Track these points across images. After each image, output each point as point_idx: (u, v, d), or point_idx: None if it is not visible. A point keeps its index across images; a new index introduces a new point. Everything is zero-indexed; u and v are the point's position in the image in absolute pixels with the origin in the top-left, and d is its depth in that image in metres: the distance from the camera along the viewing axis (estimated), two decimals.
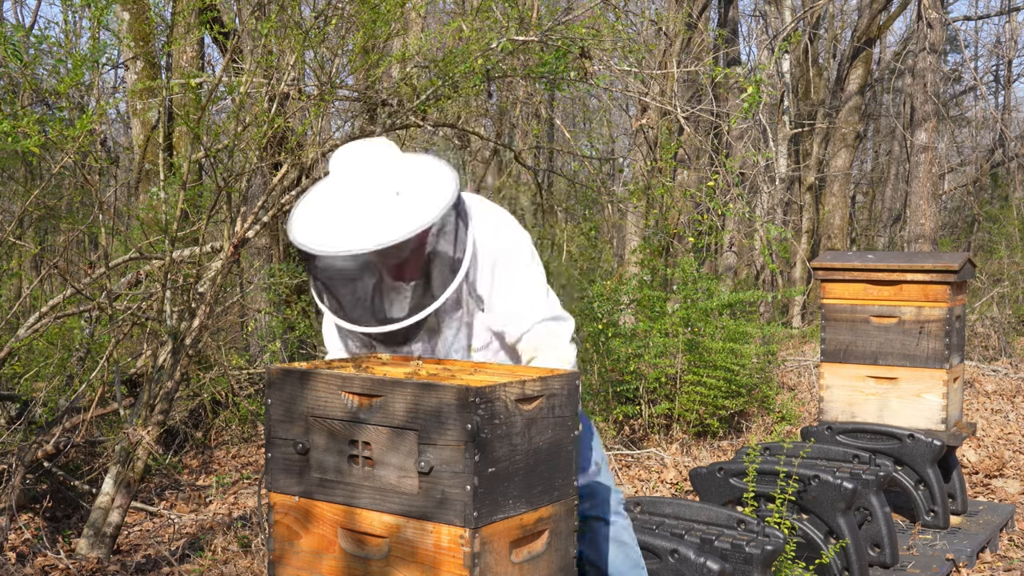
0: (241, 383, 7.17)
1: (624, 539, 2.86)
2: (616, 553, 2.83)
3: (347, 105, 8.42)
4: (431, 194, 2.50)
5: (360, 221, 2.44)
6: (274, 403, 2.38)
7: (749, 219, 9.55)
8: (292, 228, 2.50)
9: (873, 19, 15.39)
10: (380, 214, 2.45)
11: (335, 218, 2.47)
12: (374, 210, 2.46)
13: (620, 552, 2.83)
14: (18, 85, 5.43)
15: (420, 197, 2.49)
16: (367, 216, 2.45)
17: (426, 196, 2.49)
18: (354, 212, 2.46)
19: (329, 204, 2.51)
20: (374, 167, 2.50)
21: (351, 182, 2.50)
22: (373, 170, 2.50)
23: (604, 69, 7.97)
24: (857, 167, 22.04)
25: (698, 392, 7.18)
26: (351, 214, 2.46)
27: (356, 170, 2.50)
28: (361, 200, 2.47)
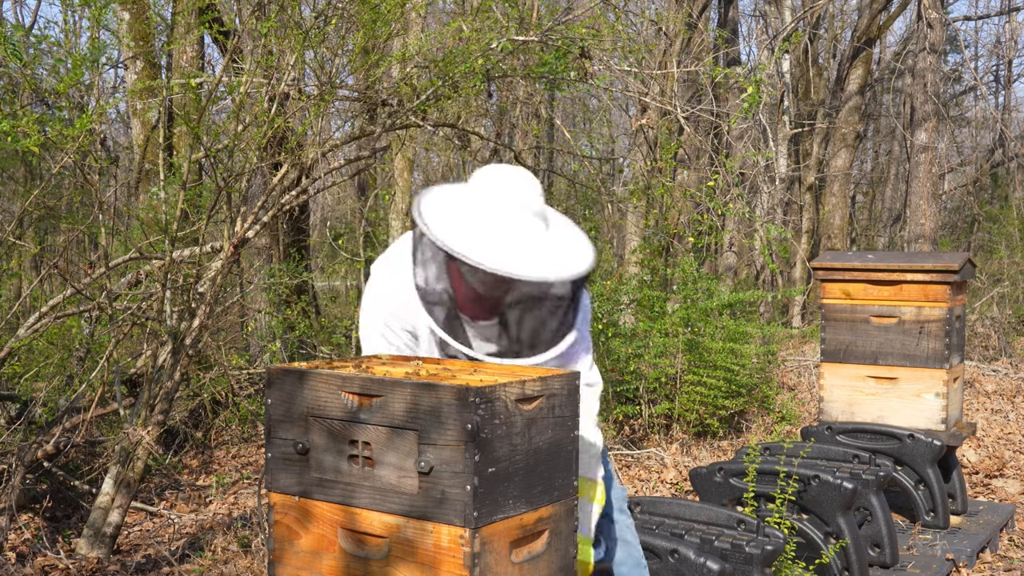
0: (241, 383, 7.17)
1: (627, 537, 2.87)
2: (619, 551, 2.84)
3: (347, 105, 8.42)
4: (582, 237, 2.65)
5: (549, 250, 2.51)
6: (274, 403, 2.38)
7: (749, 219, 9.55)
8: (475, 250, 2.45)
9: (873, 19, 15.39)
10: (560, 245, 2.55)
11: (521, 245, 2.49)
12: (555, 241, 2.56)
13: (623, 550, 2.85)
14: (18, 85, 5.43)
15: (579, 235, 2.63)
16: (554, 246, 2.53)
17: (581, 235, 2.65)
18: (538, 241, 2.51)
19: (506, 229, 2.51)
20: (536, 200, 2.55)
21: (524, 210, 2.53)
22: (537, 202, 2.56)
23: (604, 69, 7.97)
24: (857, 167, 22.04)
25: (698, 392, 7.19)
26: (537, 242, 2.51)
27: (526, 200, 2.54)
28: (543, 230, 2.55)
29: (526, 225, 2.51)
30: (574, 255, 2.53)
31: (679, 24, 10.60)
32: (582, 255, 2.54)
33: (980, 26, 24.15)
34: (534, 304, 2.49)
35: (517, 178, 2.56)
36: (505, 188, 2.53)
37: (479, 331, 2.52)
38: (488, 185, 2.55)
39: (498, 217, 2.51)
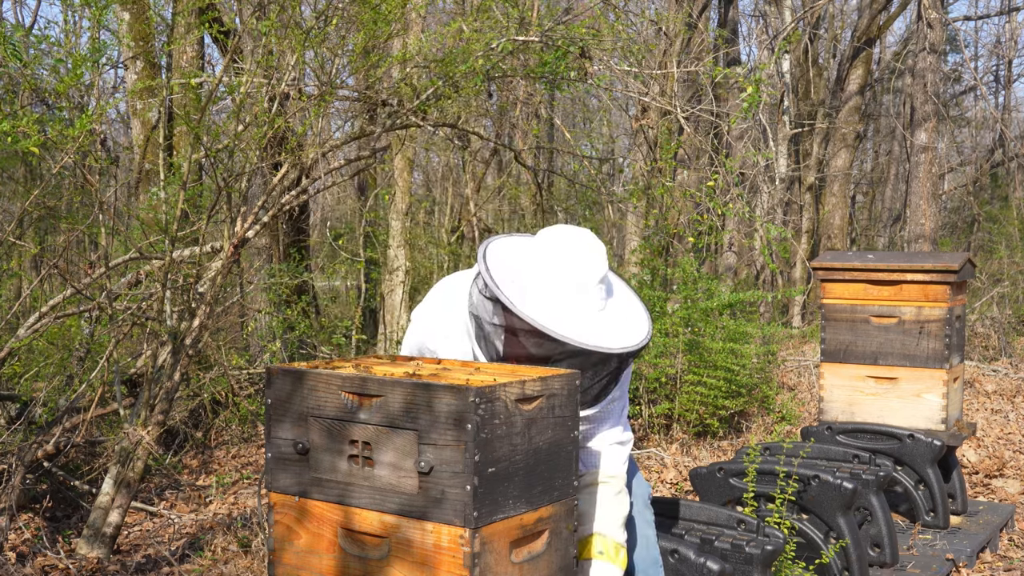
0: (241, 383, 7.17)
1: (647, 533, 2.89)
2: (639, 547, 2.86)
3: (347, 105, 8.42)
4: (641, 305, 2.74)
5: (610, 321, 2.59)
6: (274, 403, 2.38)
7: (749, 219, 9.54)
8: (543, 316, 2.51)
9: (873, 19, 15.39)
10: (621, 317, 2.63)
11: (585, 314, 2.56)
12: (616, 312, 2.64)
13: (642, 547, 2.86)
14: (18, 85, 5.43)
15: (638, 306, 2.72)
16: (615, 317, 2.61)
17: (640, 306, 2.73)
18: (601, 310, 2.59)
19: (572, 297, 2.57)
20: (602, 268, 2.62)
21: (590, 279, 2.59)
22: (602, 270, 2.62)
23: (604, 69, 7.97)
24: (857, 167, 22.05)
25: (698, 392, 7.19)
26: (600, 312, 2.59)
27: (593, 269, 2.60)
28: (605, 298, 2.62)
29: (591, 294, 2.58)
30: (633, 328, 2.60)
31: (679, 24, 10.60)
32: (640, 328, 2.61)
33: (980, 26, 24.17)
34: (585, 370, 2.55)
35: (585, 246, 2.62)
36: (574, 256, 2.59)
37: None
38: (558, 248, 2.61)
39: (565, 284, 2.57)
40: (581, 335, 2.48)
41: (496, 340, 2.55)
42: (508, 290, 2.51)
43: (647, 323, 2.64)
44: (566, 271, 2.57)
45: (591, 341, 2.47)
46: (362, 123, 6.48)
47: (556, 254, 2.59)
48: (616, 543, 2.67)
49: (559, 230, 2.66)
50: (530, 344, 2.51)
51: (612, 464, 2.75)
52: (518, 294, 2.52)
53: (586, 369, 2.52)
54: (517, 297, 2.51)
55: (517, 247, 2.68)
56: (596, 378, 2.58)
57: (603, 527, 2.68)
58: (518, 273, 2.58)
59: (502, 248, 2.67)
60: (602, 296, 2.61)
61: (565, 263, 2.57)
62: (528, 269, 2.59)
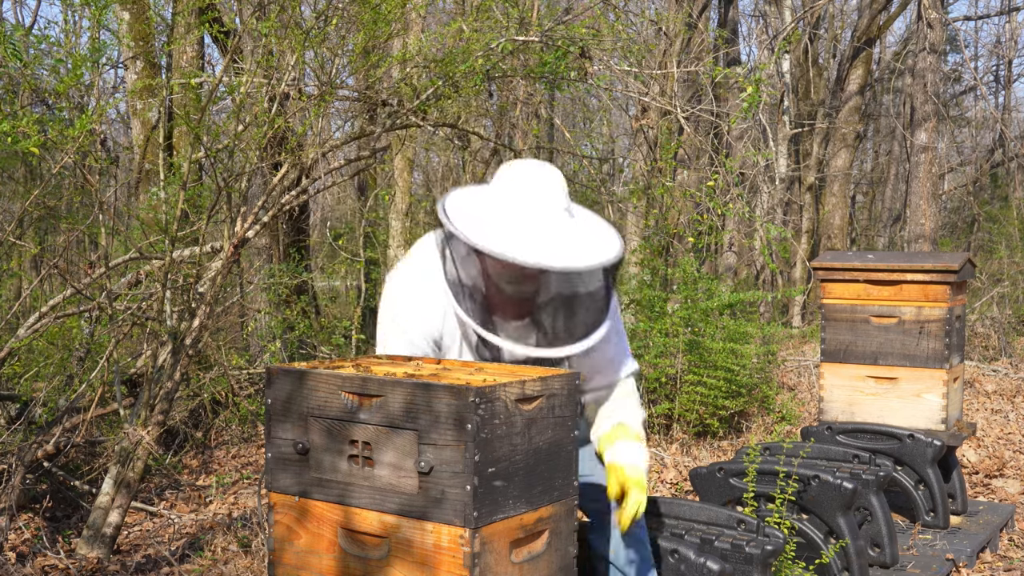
0: (241, 383, 7.17)
1: (640, 536, 2.86)
2: (631, 552, 2.82)
3: (347, 105, 8.42)
4: (608, 227, 2.69)
5: (576, 241, 2.55)
6: (274, 403, 2.38)
7: (749, 219, 9.55)
8: (504, 244, 2.48)
9: (873, 19, 15.39)
10: (587, 236, 2.59)
11: (548, 237, 2.53)
12: (582, 232, 2.59)
13: (633, 548, 2.83)
14: (18, 85, 5.43)
15: (604, 226, 2.68)
16: (581, 236, 2.57)
17: (607, 226, 2.69)
18: (565, 232, 2.56)
19: (532, 223, 2.55)
20: (561, 193, 2.60)
21: (550, 203, 2.57)
22: (561, 195, 2.60)
23: (604, 69, 7.97)
24: (857, 167, 22.04)
25: (698, 392, 7.18)
26: (564, 234, 2.55)
27: (551, 193, 2.58)
28: (568, 221, 2.59)
29: (552, 218, 2.54)
30: (602, 244, 2.56)
31: (679, 24, 10.60)
32: (610, 244, 2.57)
33: (980, 26, 24.17)
34: (566, 297, 2.52)
35: (541, 172, 2.60)
36: (529, 182, 2.57)
37: (514, 330, 2.56)
38: (513, 181, 2.59)
39: (524, 211, 2.54)
40: (548, 258, 2.45)
41: (477, 291, 2.53)
42: (470, 229, 2.49)
43: (618, 241, 2.60)
44: (525, 198, 2.55)
45: (559, 262, 2.45)
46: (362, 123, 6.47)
47: (513, 185, 2.58)
48: (640, 434, 2.77)
49: (513, 164, 2.65)
50: (504, 280, 2.49)
51: (625, 368, 2.82)
52: (479, 230, 2.50)
53: (565, 296, 2.51)
54: (479, 233, 2.49)
55: (475, 192, 2.69)
56: (580, 304, 2.55)
57: (629, 418, 2.78)
58: (478, 211, 2.58)
59: (462, 195, 2.67)
60: (565, 219, 2.57)
61: (523, 191, 2.56)
62: (488, 205, 2.59)
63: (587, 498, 2.83)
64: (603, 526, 2.84)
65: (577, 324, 2.56)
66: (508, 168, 2.63)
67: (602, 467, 2.84)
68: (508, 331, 2.55)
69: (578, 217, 2.66)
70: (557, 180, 2.61)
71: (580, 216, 2.68)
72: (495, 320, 2.55)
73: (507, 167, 2.64)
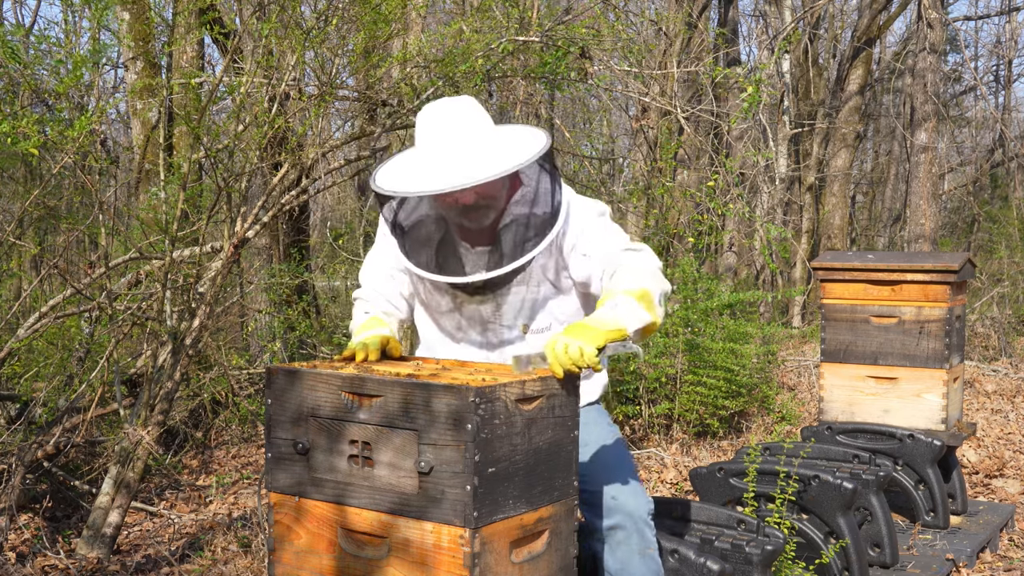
0: (241, 383, 7.16)
1: (650, 552, 2.78)
2: (640, 565, 2.77)
3: (347, 105, 8.42)
4: (529, 138, 2.61)
5: (466, 159, 2.51)
6: (274, 403, 2.38)
7: (749, 219, 9.54)
8: (382, 179, 2.58)
9: (873, 19, 15.39)
10: (480, 153, 2.53)
11: (438, 162, 2.54)
12: (474, 150, 2.54)
13: (643, 564, 2.77)
14: (18, 85, 5.43)
15: (516, 139, 2.60)
16: (473, 154, 2.52)
17: (522, 139, 2.60)
18: (458, 151, 2.53)
19: (426, 152, 2.59)
20: (467, 114, 2.58)
21: (438, 131, 2.57)
22: (467, 116, 2.58)
23: (604, 69, 7.97)
24: (857, 167, 22.04)
25: (698, 392, 7.18)
26: (456, 155, 2.53)
27: (449, 117, 2.58)
28: (457, 143, 2.54)
29: (441, 145, 2.55)
30: (491, 160, 2.51)
31: (679, 24, 10.60)
32: (499, 160, 2.50)
33: (980, 26, 24.16)
34: (470, 219, 2.54)
35: (434, 107, 2.62)
36: (421, 120, 2.61)
37: (474, 257, 2.60)
38: (417, 123, 2.65)
39: (419, 144, 2.60)
40: (407, 184, 2.50)
41: (398, 231, 2.61)
42: (376, 176, 2.60)
43: (511, 157, 2.51)
44: (419, 134, 2.61)
45: (416, 187, 2.48)
46: (362, 123, 6.47)
47: (417, 127, 2.64)
48: (646, 291, 2.44)
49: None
50: (407, 214, 2.59)
51: (621, 239, 2.65)
52: (380, 174, 2.61)
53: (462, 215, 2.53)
54: (377, 177, 2.60)
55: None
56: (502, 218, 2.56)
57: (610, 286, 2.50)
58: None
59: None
60: (458, 144, 2.54)
61: (418, 129, 2.62)
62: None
63: (592, 512, 2.76)
64: (618, 543, 2.77)
65: (509, 244, 2.55)
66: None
67: (605, 474, 2.76)
68: (447, 265, 2.60)
69: (490, 136, 2.59)
70: (452, 108, 2.59)
71: (494, 134, 2.61)
72: (437, 256, 2.61)
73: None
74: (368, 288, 2.83)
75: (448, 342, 2.77)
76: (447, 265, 2.60)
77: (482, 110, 2.63)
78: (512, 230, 2.56)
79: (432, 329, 2.80)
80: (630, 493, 2.76)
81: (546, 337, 2.67)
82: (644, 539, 2.77)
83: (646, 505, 2.79)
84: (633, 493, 2.76)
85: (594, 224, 2.67)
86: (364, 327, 2.68)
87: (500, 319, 2.68)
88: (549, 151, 2.54)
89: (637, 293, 2.40)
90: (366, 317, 2.73)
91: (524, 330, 2.68)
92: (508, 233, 2.56)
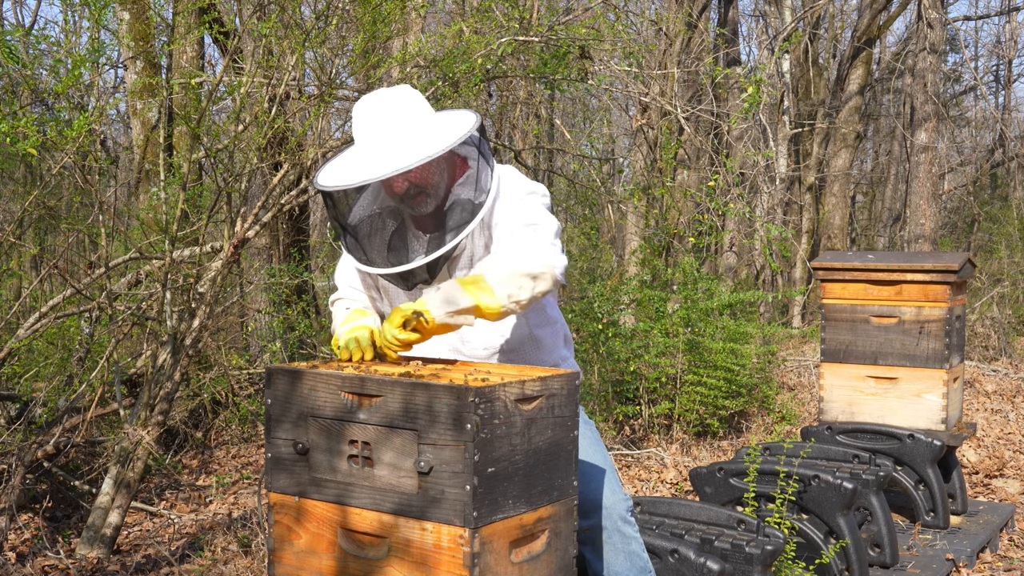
0: (241, 383, 7.16)
1: (633, 548, 2.79)
2: (624, 562, 2.78)
3: (347, 105, 8.42)
4: (454, 123, 2.61)
5: (385, 151, 2.54)
6: (274, 403, 2.38)
7: (749, 219, 9.55)
8: (319, 177, 2.62)
9: (873, 19, 15.38)
10: (403, 142, 2.55)
11: (361, 155, 2.59)
12: (399, 138, 2.56)
13: (628, 561, 2.78)
14: (17, 85, 5.43)
15: (445, 125, 2.61)
16: (392, 145, 2.55)
17: (448, 124, 2.61)
18: (379, 143, 2.56)
19: (360, 145, 2.62)
20: (396, 104, 2.60)
21: (366, 125, 2.60)
22: (396, 105, 2.60)
23: (604, 69, 7.97)
24: (857, 167, 22.04)
25: (698, 392, 7.18)
26: (376, 147, 2.56)
27: (377, 108, 2.60)
28: (384, 132, 2.57)
29: (366, 137, 2.58)
30: (414, 147, 2.53)
31: (679, 24, 10.60)
32: (421, 146, 2.52)
33: (980, 26, 24.16)
34: (417, 200, 2.56)
35: (367, 98, 2.65)
36: (355, 110, 2.64)
37: (417, 244, 2.61)
38: (354, 111, 2.67)
39: (354, 137, 2.63)
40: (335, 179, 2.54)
41: (341, 228, 2.63)
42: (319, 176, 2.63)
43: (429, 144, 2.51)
44: (353, 125, 2.64)
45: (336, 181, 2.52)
46: None
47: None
48: (484, 281, 2.45)
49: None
50: (341, 210, 2.61)
51: (527, 215, 2.61)
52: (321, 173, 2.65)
53: (410, 200, 2.56)
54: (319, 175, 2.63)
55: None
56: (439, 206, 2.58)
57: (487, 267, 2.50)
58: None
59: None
60: (385, 136, 2.55)
61: (353, 120, 2.64)
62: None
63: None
64: (602, 542, 2.78)
65: (441, 230, 2.56)
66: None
67: (582, 473, 2.73)
68: (389, 254, 2.62)
69: (418, 123, 2.60)
70: (382, 99, 2.61)
71: (423, 122, 2.61)
72: (382, 247, 2.63)
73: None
74: (344, 287, 2.87)
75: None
76: (388, 254, 2.62)
77: (416, 97, 2.63)
78: (448, 215, 2.58)
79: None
80: (607, 492, 2.75)
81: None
82: (625, 537, 2.77)
83: (624, 503, 2.78)
84: (610, 491, 2.75)
85: (516, 203, 2.65)
86: (349, 319, 2.70)
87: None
88: (476, 134, 2.55)
89: (467, 279, 2.47)
90: (347, 312, 2.75)
91: None
92: (446, 218, 2.58)
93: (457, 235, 2.53)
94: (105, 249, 5.45)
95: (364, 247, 2.62)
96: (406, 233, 2.62)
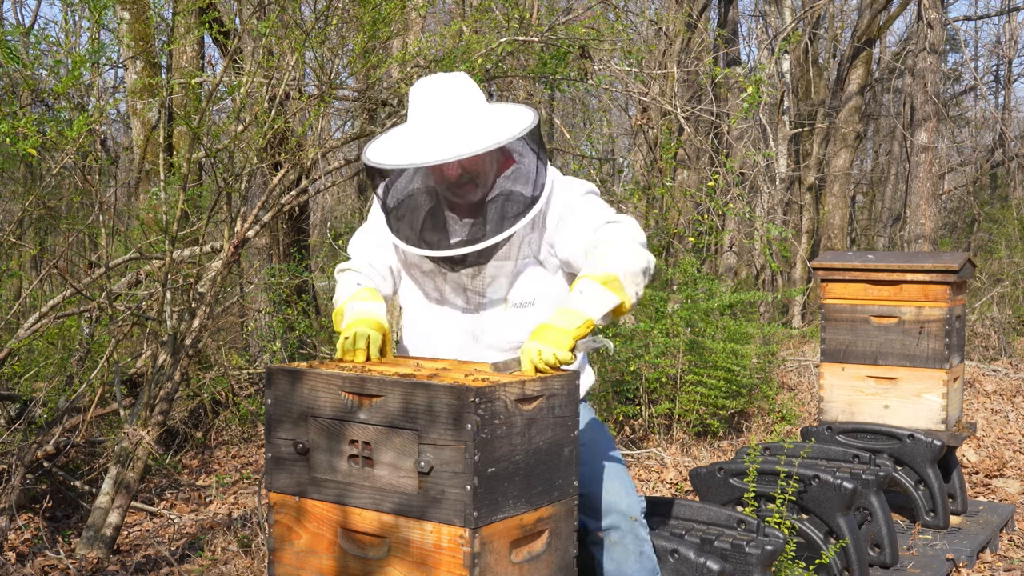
0: (241, 383, 7.16)
1: (645, 550, 2.81)
2: (635, 563, 2.78)
3: (347, 105, 8.42)
4: (513, 115, 2.64)
5: (444, 135, 2.55)
6: (274, 403, 2.38)
7: (749, 219, 9.54)
8: (370, 153, 2.64)
9: (873, 19, 15.38)
10: (463, 128, 2.57)
11: (417, 136, 2.60)
12: (459, 124, 2.57)
13: (638, 562, 2.79)
14: (17, 85, 5.43)
15: (505, 116, 2.63)
16: (452, 130, 2.56)
17: (507, 116, 2.63)
18: (438, 127, 2.58)
19: (417, 126, 2.62)
20: (457, 90, 2.62)
21: (426, 106, 2.61)
22: (457, 91, 2.62)
23: (604, 69, 7.97)
24: (857, 167, 22.04)
25: (698, 392, 7.18)
26: (435, 130, 2.57)
27: (440, 92, 2.61)
28: (445, 116, 2.58)
29: (430, 120, 2.59)
30: (476, 135, 2.55)
31: (679, 24, 10.60)
32: (484, 135, 2.55)
33: (980, 26, 24.17)
34: (456, 193, 2.59)
35: (425, 83, 2.66)
36: (414, 95, 2.65)
37: (458, 228, 2.64)
38: (410, 96, 2.68)
39: (411, 118, 2.64)
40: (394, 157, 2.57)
41: (388, 207, 2.65)
42: (368, 151, 2.65)
43: (493, 133, 2.54)
44: (411, 109, 2.65)
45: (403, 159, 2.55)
46: (362, 123, 6.47)
47: (409, 102, 2.68)
48: (610, 275, 2.49)
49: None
50: (397, 188, 2.64)
51: (604, 213, 2.67)
52: (372, 149, 2.67)
53: (447, 188, 2.59)
54: (369, 151, 2.65)
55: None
56: (490, 194, 2.60)
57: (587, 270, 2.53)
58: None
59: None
60: (447, 119, 2.57)
61: (411, 105, 2.65)
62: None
63: (585, 514, 2.75)
64: (612, 543, 2.78)
65: (491, 218, 2.58)
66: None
67: (597, 475, 2.75)
68: (432, 236, 2.63)
69: (479, 112, 2.63)
70: (444, 83, 2.63)
71: (484, 111, 2.65)
72: (422, 227, 2.64)
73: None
74: (359, 260, 2.85)
75: (432, 306, 2.78)
76: (431, 236, 2.63)
77: (474, 86, 2.66)
78: (496, 205, 2.59)
79: (417, 295, 2.82)
80: (623, 493, 2.76)
81: (529, 312, 2.71)
82: (639, 538, 2.78)
83: (638, 504, 2.80)
84: (626, 493, 2.77)
85: (580, 201, 2.70)
86: (357, 296, 2.70)
87: (483, 289, 2.71)
88: (535, 129, 2.58)
89: (602, 278, 2.48)
90: (358, 288, 2.74)
91: (506, 302, 2.70)
92: (492, 208, 2.60)
93: (515, 224, 2.56)
94: (105, 249, 5.45)
95: (414, 227, 2.64)
96: (444, 217, 2.65)
